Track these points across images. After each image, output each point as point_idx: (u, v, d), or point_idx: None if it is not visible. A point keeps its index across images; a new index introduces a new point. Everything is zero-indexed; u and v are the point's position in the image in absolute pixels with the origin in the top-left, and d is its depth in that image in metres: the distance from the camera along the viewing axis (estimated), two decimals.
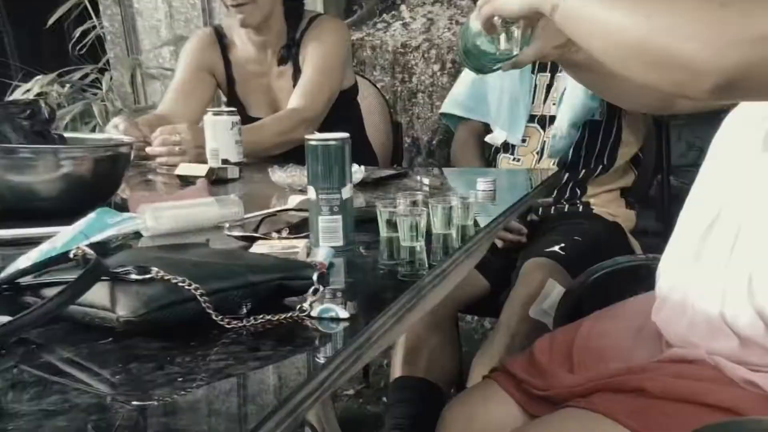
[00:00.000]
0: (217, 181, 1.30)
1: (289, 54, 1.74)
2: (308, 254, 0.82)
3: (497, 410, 0.93)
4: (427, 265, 0.79)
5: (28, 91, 2.51)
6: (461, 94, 1.78)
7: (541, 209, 1.68)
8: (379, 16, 2.73)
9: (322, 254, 0.81)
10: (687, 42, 0.65)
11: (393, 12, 2.72)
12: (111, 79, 2.72)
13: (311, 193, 0.85)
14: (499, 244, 1.63)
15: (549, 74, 1.68)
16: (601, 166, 1.65)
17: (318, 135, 0.85)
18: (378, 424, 1.79)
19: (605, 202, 1.67)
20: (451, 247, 0.86)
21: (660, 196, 1.75)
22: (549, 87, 1.68)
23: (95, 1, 2.68)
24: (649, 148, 1.74)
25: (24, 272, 0.62)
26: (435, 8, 2.67)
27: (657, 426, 0.72)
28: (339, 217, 0.85)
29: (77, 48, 2.69)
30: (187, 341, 0.60)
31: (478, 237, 0.93)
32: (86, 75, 2.69)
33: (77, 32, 2.67)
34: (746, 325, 0.75)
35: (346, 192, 0.85)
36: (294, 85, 1.72)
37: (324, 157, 0.84)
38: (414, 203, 0.90)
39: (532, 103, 1.67)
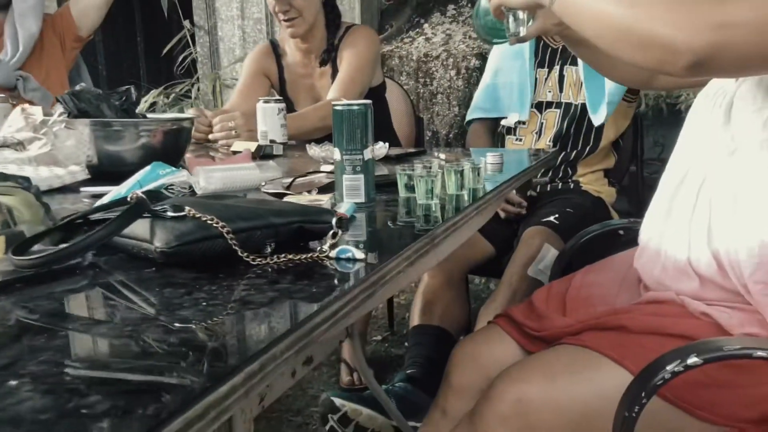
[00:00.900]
0: (264, 156, 1.25)
1: (329, 57, 1.71)
2: (333, 207, 0.77)
3: (499, 349, 0.91)
4: (441, 220, 0.75)
5: (145, 102, 2.87)
6: (479, 101, 1.77)
7: (539, 186, 1.65)
8: (406, 32, 2.68)
9: (344, 207, 0.75)
10: (665, 27, 0.66)
11: (417, 29, 2.68)
12: (198, 89, 2.97)
13: (336, 154, 0.81)
14: (503, 215, 1.60)
15: (546, 69, 1.65)
16: (588, 147, 1.63)
17: (343, 101, 0.81)
18: (400, 363, 1.79)
19: (591, 180, 1.65)
20: (462, 206, 0.83)
21: (633, 185, 1.72)
22: (546, 79, 1.65)
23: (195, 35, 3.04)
24: (627, 138, 1.71)
25: (94, 210, 0.63)
26: (452, 26, 2.63)
27: (633, 355, 0.73)
28: (361, 176, 0.81)
29: (179, 69, 3.04)
30: (216, 273, 0.56)
31: (487, 197, 0.90)
32: (183, 88, 3.00)
33: (180, 57, 3.02)
34: (705, 267, 0.76)
35: (368, 153, 0.81)
36: (332, 83, 1.68)
37: (348, 120, 0.79)
38: (430, 167, 0.86)
39: (533, 92, 1.65)
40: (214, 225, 0.56)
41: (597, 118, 1.60)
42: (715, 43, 0.63)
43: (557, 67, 1.63)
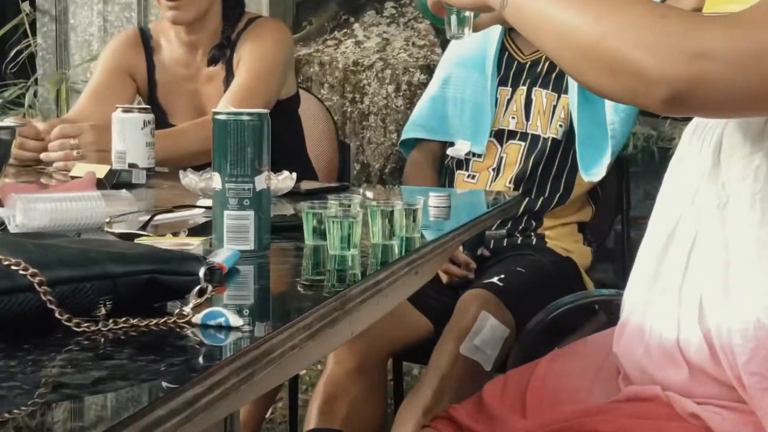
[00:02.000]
0: (118, 185, 1.21)
1: (222, 55, 1.69)
2: (205, 255, 0.75)
3: None
4: (359, 278, 0.75)
5: None
6: (420, 116, 1.80)
7: (492, 242, 1.69)
8: (330, 33, 2.73)
9: (223, 255, 0.73)
10: (635, 49, 0.69)
11: (345, 30, 2.73)
12: (35, 95, 2.83)
13: (216, 181, 0.80)
14: (444, 279, 1.61)
15: (510, 89, 1.71)
16: (557, 195, 1.68)
17: (229, 108, 0.81)
18: None
19: (560, 235, 1.70)
20: (390, 260, 0.82)
21: (619, 248, 1.79)
22: (509, 102, 1.71)
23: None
24: (609, 186, 1.78)
25: None
26: (391, 29, 2.70)
27: None
28: (250, 213, 0.79)
29: (10, 67, 2.89)
30: (20, 343, 0.53)
31: (424, 251, 0.90)
32: (15, 92, 2.86)
33: (13, 51, 2.90)
34: (695, 351, 0.79)
35: (261, 182, 0.80)
36: (225, 92, 1.67)
37: (235, 134, 0.79)
38: (348, 206, 0.86)
39: (493, 116, 1.71)
40: (20, 272, 0.52)
41: (593, 173, 1.64)
42: (691, 75, 0.67)
43: (523, 88, 1.69)
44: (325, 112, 2.03)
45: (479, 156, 1.70)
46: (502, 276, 1.50)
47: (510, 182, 1.67)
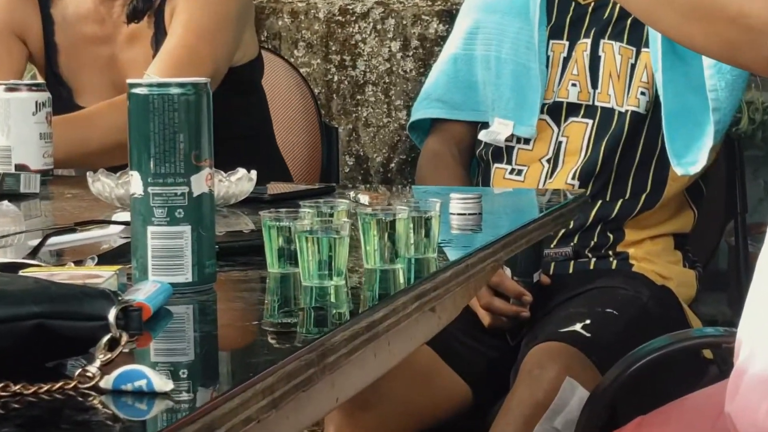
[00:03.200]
0: (1, 195, 1.23)
1: (148, 5, 1.72)
2: (122, 290, 0.76)
3: None
4: (346, 316, 0.77)
5: None
6: (438, 87, 1.82)
7: (553, 264, 1.69)
8: None
9: (145, 291, 0.74)
10: None
11: None
12: None
13: (135, 183, 0.81)
14: (487, 320, 1.62)
15: (566, 42, 1.72)
16: (644, 196, 1.69)
17: (151, 77, 0.82)
18: None
19: (650, 254, 1.70)
20: (393, 291, 0.83)
21: (734, 269, 1.82)
22: (566, 61, 1.72)
23: None
24: (716, 180, 1.79)
25: None
26: None
27: None
28: (185, 229, 0.80)
29: None
30: None
31: (443, 276, 0.91)
32: None
33: None
34: None
35: (201, 184, 0.80)
36: (154, 56, 1.70)
37: (160, 115, 0.80)
38: (331, 214, 0.88)
39: (544, 84, 1.72)
40: None
41: (688, 163, 1.64)
42: None
43: (586, 42, 1.70)
44: (301, 82, 2.06)
45: (527, 141, 1.71)
46: (588, 322, 1.51)
47: (574, 178, 1.69)
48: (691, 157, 1.64)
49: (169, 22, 1.70)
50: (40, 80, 1.48)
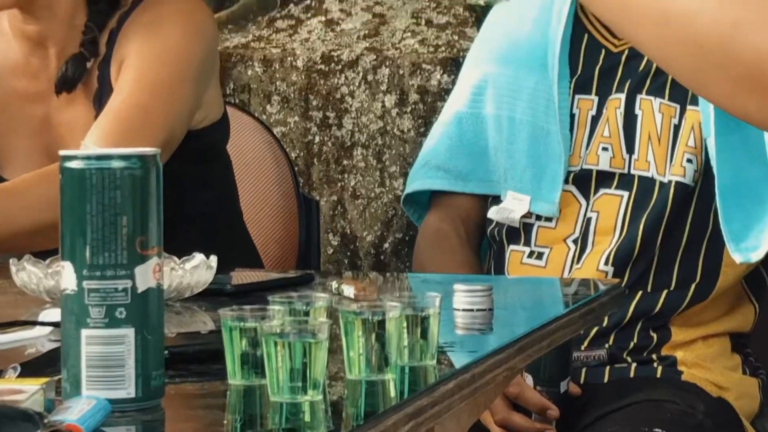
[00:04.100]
0: None
1: (81, 71, 1.74)
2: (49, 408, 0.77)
3: None
4: None
5: None
6: (440, 152, 1.84)
7: (584, 371, 1.70)
8: (281, 7, 2.76)
9: (79, 410, 0.75)
10: None
11: (308, 1, 2.76)
12: None
13: (68, 277, 0.82)
14: None
15: (596, 98, 1.74)
16: (693, 285, 1.69)
17: (90, 147, 0.84)
18: None
19: (704, 358, 1.70)
20: (382, 406, 0.85)
21: None
22: (595, 120, 1.73)
23: None
24: None
25: None
26: None
27: None
28: (127, 332, 0.81)
29: None
30: None
31: (444, 389, 0.91)
32: None
33: None
34: None
35: (147, 276, 0.81)
36: (97, 117, 1.71)
37: (98, 195, 0.81)
38: (307, 311, 0.89)
39: (570, 147, 1.73)
40: None
41: (749, 248, 1.64)
42: None
43: (620, 97, 1.71)
44: (275, 145, 2.07)
45: (549, 219, 1.73)
46: None
47: (607, 263, 1.69)
48: (751, 242, 1.65)
49: (116, 76, 1.72)
50: None
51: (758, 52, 0.75)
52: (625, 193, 1.70)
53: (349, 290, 1.25)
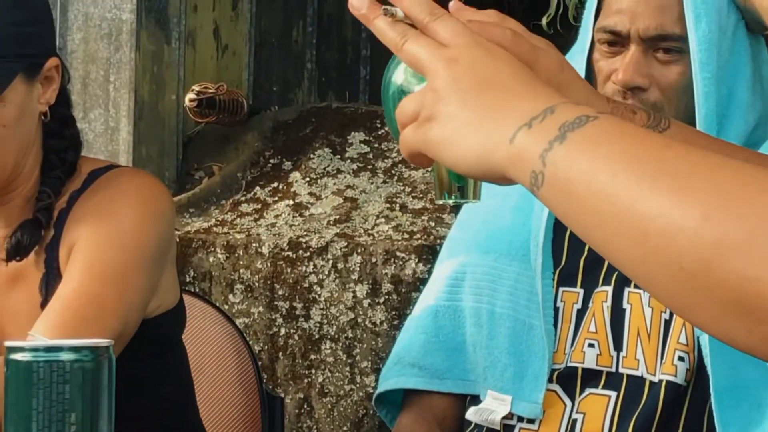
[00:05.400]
0: None
1: (35, 240, 1.74)
2: None
3: None
4: None
5: None
6: (414, 347, 1.85)
7: None
8: (246, 190, 2.80)
9: None
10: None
11: (275, 183, 2.80)
12: None
13: None
14: None
15: (581, 290, 1.76)
16: None
17: (37, 339, 0.88)
18: None
19: None
20: None
21: None
22: (581, 314, 1.75)
23: None
24: None
25: None
26: (360, 179, 2.77)
27: None
28: None
29: None
30: None
31: None
32: None
33: None
34: None
35: None
36: (44, 307, 1.71)
37: (46, 390, 0.81)
38: None
39: (554, 343, 1.74)
40: None
41: None
42: None
43: (606, 290, 1.74)
44: (237, 337, 2.07)
45: (531, 421, 1.72)
46: None
47: None
48: None
49: (65, 262, 1.73)
50: None
51: (742, 277, 0.75)
52: (613, 393, 1.71)
53: None
